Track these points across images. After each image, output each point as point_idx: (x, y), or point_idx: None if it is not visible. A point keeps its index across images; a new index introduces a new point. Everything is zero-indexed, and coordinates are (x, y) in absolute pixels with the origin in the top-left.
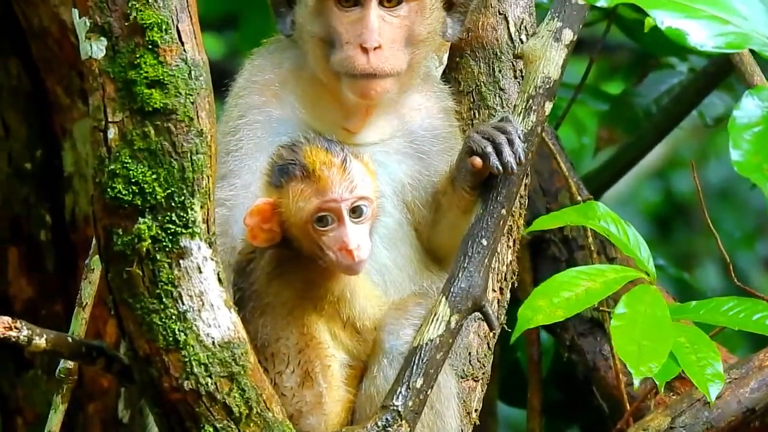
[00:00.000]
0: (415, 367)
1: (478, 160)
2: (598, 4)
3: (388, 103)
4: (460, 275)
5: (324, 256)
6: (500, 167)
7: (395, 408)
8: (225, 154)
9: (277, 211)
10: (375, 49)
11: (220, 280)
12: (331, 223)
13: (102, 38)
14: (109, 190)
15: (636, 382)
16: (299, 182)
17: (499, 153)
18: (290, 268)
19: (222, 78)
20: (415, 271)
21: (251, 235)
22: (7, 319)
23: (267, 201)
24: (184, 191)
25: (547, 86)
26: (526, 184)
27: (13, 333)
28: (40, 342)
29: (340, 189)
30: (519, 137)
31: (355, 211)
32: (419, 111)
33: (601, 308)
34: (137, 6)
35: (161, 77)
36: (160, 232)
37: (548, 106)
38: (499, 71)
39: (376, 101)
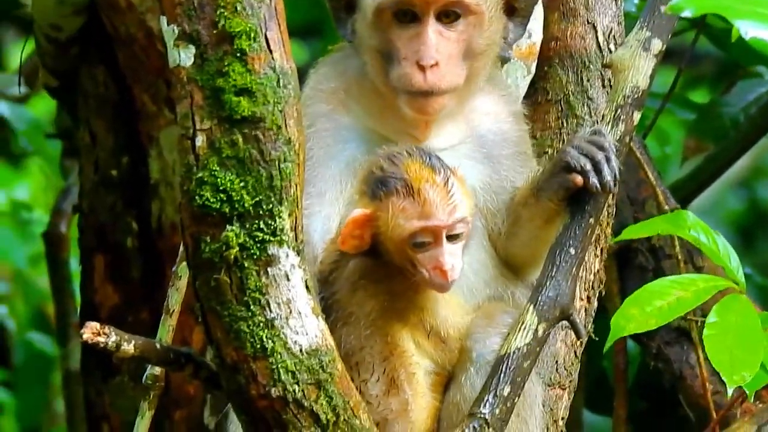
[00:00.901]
0: (502, 375)
1: (579, 178)
2: (685, 14)
3: (451, 111)
4: (547, 284)
5: (416, 273)
6: (599, 186)
7: (482, 416)
8: None
9: (372, 222)
10: (432, 66)
11: (307, 287)
12: (427, 244)
13: (190, 46)
14: (197, 197)
15: (729, 391)
16: (401, 198)
17: (598, 171)
18: (374, 278)
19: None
20: (491, 276)
21: (341, 240)
22: (95, 324)
23: (365, 213)
24: (272, 199)
25: (636, 96)
26: (613, 194)
27: (102, 339)
28: (129, 348)
29: (443, 213)
30: (614, 154)
31: (453, 232)
32: (488, 115)
33: (688, 317)
34: (225, 14)
35: (249, 85)
36: (248, 239)
37: (636, 116)
38: (588, 80)
39: (434, 117)
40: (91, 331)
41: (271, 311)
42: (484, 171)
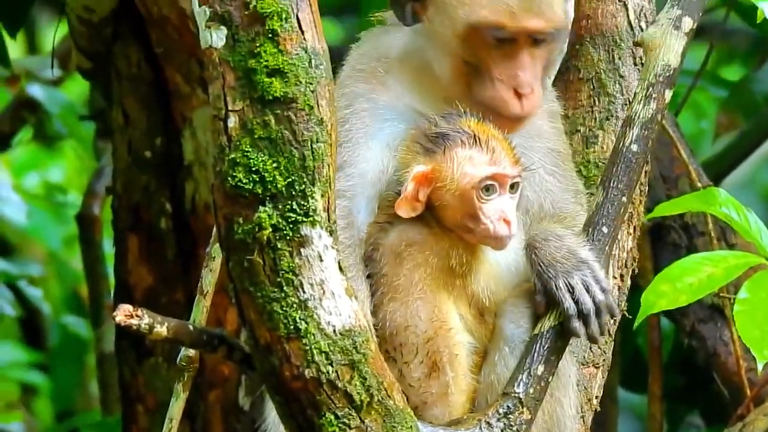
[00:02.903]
0: (536, 354)
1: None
2: None
3: None
4: None
5: (478, 225)
6: (583, 335)
7: (516, 395)
8: (338, 145)
9: (433, 178)
10: (528, 94)
11: (340, 268)
12: (494, 193)
13: (222, 27)
14: (229, 178)
15: (760, 366)
16: (467, 148)
17: (585, 323)
18: (419, 246)
19: (341, 64)
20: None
21: (400, 202)
22: (128, 307)
23: (426, 169)
24: (305, 180)
25: (667, 74)
26: (646, 171)
27: (135, 321)
28: (162, 330)
29: (510, 162)
30: (610, 307)
31: (513, 186)
32: None
33: (721, 294)
34: None
35: (281, 66)
36: (280, 220)
37: (668, 94)
38: (619, 58)
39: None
40: (123, 313)
41: (304, 292)
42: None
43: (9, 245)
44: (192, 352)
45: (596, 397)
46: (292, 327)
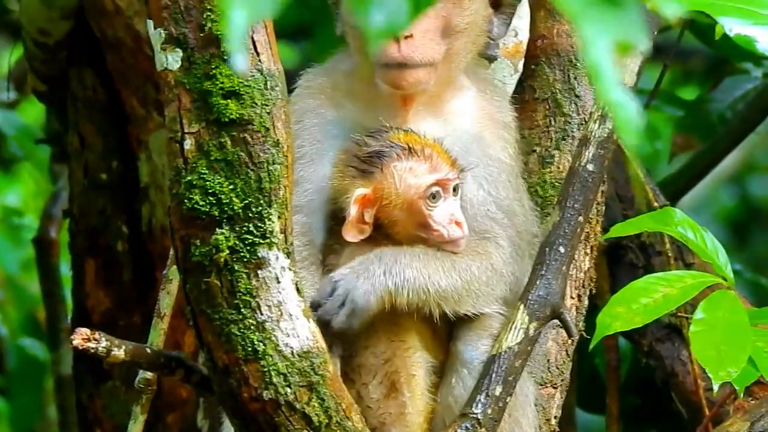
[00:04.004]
0: (494, 374)
1: None
2: (669, 12)
3: (431, 100)
4: (538, 283)
5: (431, 234)
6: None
7: (474, 416)
8: None
9: (375, 197)
10: (406, 37)
11: (298, 290)
12: (440, 199)
13: (177, 49)
14: (186, 201)
15: (715, 387)
16: (404, 161)
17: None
18: None
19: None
20: None
21: (346, 229)
22: (85, 330)
23: (366, 191)
24: (261, 201)
25: None
26: (602, 191)
27: (92, 344)
28: (119, 353)
29: (448, 165)
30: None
31: (455, 189)
32: (468, 116)
33: (678, 314)
34: (212, 17)
35: (237, 88)
36: (237, 242)
37: None
38: (575, 78)
39: (409, 91)
40: (81, 337)
41: (261, 314)
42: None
43: None
44: (150, 374)
45: (555, 417)
46: (249, 349)
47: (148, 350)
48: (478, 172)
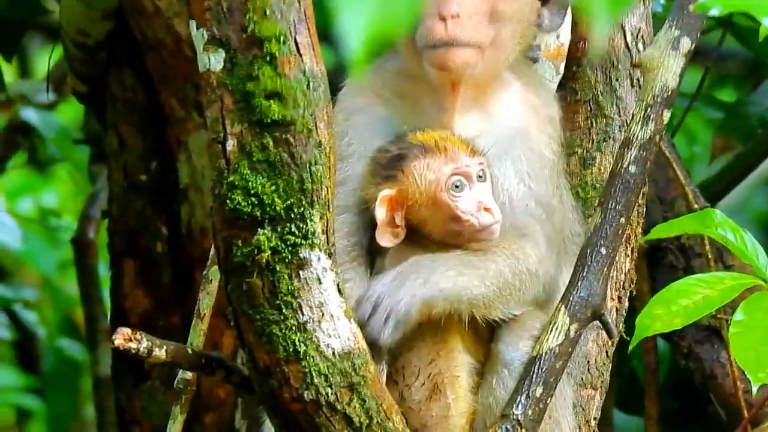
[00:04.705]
0: (534, 376)
1: None
2: (712, 13)
3: (478, 92)
4: (579, 284)
5: (462, 225)
6: None
7: (515, 417)
8: (339, 161)
9: (401, 198)
10: (453, 17)
11: (339, 290)
12: (463, 187)
13: (220, 50)
14: (228, 201)
15: (754, 389)
16: (422, 159)
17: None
18: None
19: (337, 89)
20: None
21: (379, 235)
22: (127, 330)
23: (391, 193)
24: (303, 202)
25: (665, 95)
26: (643, 193)
27: (133, 344)
28: (160, 353)
29: (467, 154)
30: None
31: (481, 176)
32: (513, 110)
33: (718, 316)
34: (255, 18)
35: (280, 89)
36: (279, 243)
37: (666, 115)
38: (617, 80)
39: (456, 74)
40: (122, 337)
41: (303, 314)
42: (502, 167)
43: (3, 270)
44: (189, 374)
45: (594, 419)
46: (291, 349)
47: (189, 351)
48: (520, 166)
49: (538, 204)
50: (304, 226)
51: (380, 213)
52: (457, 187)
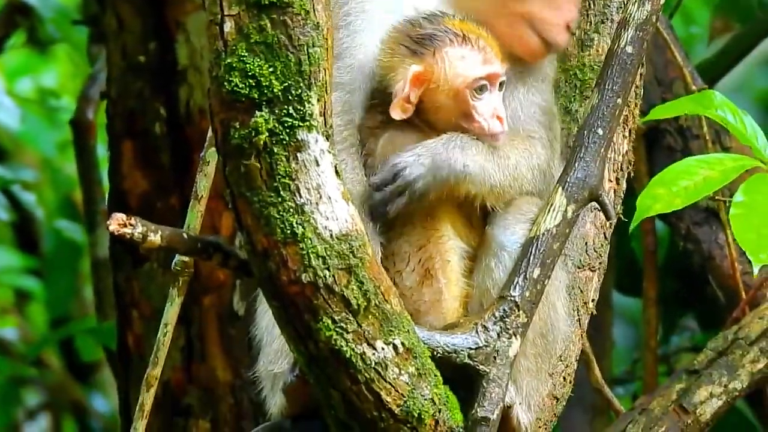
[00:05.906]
0: (532, 257)
1: None
2: None
3: None
4: (576, 165)
5: (472, 125)
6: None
7: (512, 298)
8: (335, 30)
9: (426, 78)
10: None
11: (337, 172)
12: (486, 92)
13: None
14: (225, 83)
15: (755, 270)
16: (457, 48)
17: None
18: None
19: None
20: None
21: (395, 105)
22: (121, 216)
23: (420, 69)
24: (301, 84)
25: None
26: (641, 74)
27: (128, 230)
28: (155, 239)
29: (498, 60)
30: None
31: (501, 84)
32: None
33: (716, 197)
34: None
35: None
36: (277, 125)
37: None
38: None
39: None
40: (117, 222)
41: (300, 196)
42: (513, 78)
43: (2, 150)
44: (187, 257)
45: (592, 300)
46: (288, 232)
47: (185, 236)
48: (527, 78)
49: (543, 112)
50: (302, 108)
51: (404, 87)
52: (481, 89)
